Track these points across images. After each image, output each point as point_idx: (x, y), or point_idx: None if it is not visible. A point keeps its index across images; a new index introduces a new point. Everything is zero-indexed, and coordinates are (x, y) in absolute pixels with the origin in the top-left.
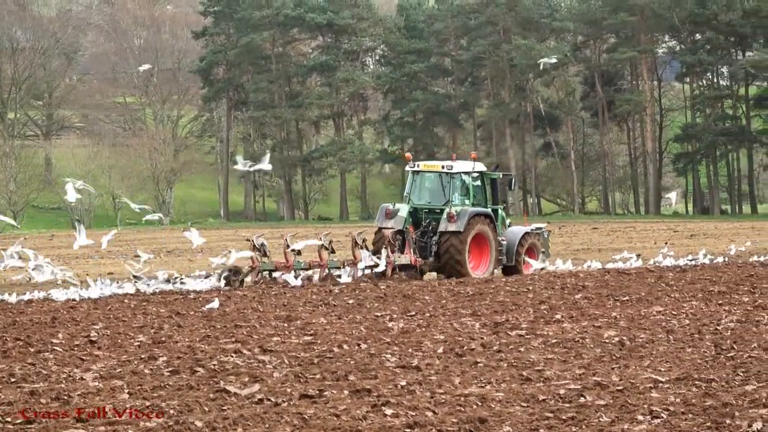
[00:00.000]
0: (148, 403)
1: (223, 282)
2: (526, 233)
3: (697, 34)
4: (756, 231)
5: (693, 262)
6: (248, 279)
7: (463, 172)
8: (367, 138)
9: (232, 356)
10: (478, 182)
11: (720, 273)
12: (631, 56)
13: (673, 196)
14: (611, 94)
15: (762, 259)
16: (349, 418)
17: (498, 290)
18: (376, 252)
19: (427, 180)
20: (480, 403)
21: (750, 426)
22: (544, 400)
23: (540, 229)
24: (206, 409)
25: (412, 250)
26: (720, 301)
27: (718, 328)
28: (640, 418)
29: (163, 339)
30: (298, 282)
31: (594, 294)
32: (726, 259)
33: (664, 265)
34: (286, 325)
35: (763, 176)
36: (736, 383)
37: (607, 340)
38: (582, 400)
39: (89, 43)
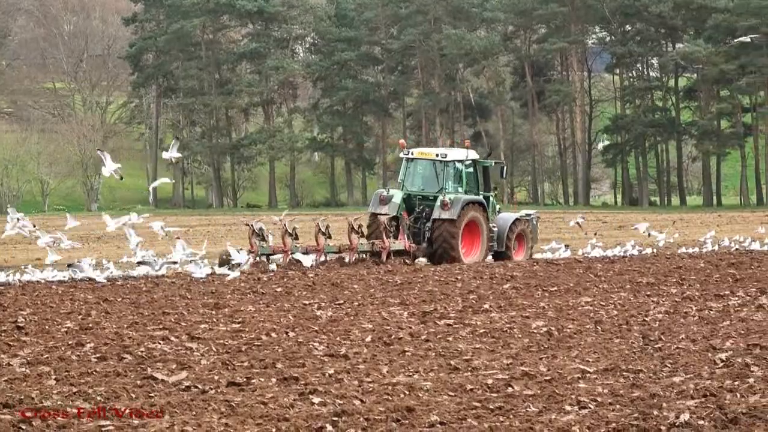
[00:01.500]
0: (75, 390)
1: (218, 267)
2: (516, 220)
3: (628, 26)
4: (685, 222)
5: (622, 253)
6: (245, 263)
7: (456, 160)
8: (297, 126)
9: (159, 343)
10: (471, 170)
11: (648, 264)
12: (561, 47)
13: (642, 226)
14: (541, 85)
15: (690, 250)
16: (276, 406)
17: (427, 280)
18: (369, 237)
19: (420, 167)
20: (408, 392)
21: (677, 417)
22: (471, 389)
23: (529, 216)
24: (133, 395)
25: (406, 236)
26: (648, 293)
27: (646, 319)
28: (568, 408)
29: (90, 325)
30: (312, 262)
31: (522, 284)
32: (654, 250)
33: (592, 256)
34: (214, 312)
35: (691, 168)
36: (664, 374)
37: (535, 331)
38: (509, 389)
39: (19, 28)
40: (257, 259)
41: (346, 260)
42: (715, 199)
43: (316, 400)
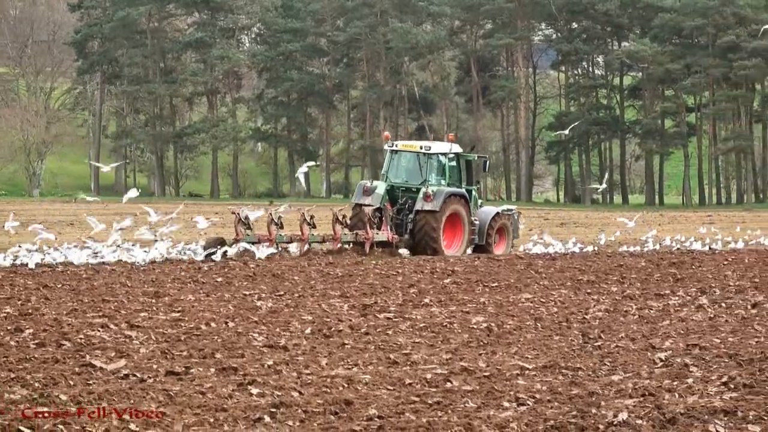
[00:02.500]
0: (13, 376)
1: (204, 254)
2: (497, 214)
3: (574, 23)
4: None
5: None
6: (232, 251)
7: (440, 153)
8: (241, 116)
9: (98, 331)
10: (454, 163)
11: (589, 262)
12: (507, 43)
13: (630, 222)
14: (486, 80)
15: (631, 249)
16: (214, 396)
17: (367, 273)
18: (353, 228)
19: (404, 159)
20: (346, 385)
21: (615, 416)
22: (410, 383)
23: (510, 210)
24: (71, 382)
25: (389, 227)
26: (588, 290)
27: (586, 317)
28: (506, 404)
29: (29, 311)
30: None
31: (463, 279)
32: (596, 248)
33: (533, 253)
34: (154, 301)
35: (634, 166)
36: (603, 373)
37: (475, 326)
38: (448, 385)
39: None
40: (243, 247)
41: (330, 249)
42: (658, 199)
43: (255, 390)
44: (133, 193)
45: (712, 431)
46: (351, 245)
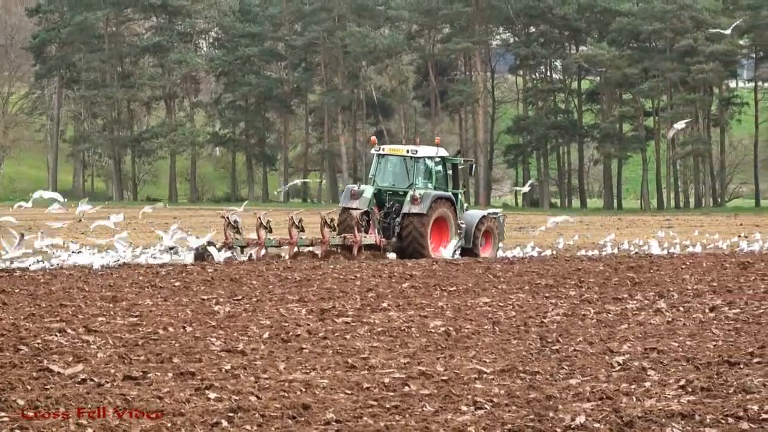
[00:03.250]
0: None
1: (194, 257)
2: (483, 217)
3: (532, 27)
4: (585, 225)
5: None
6: (221, 255)
7: (426, 157)
8: (199, 120)
9: (56, 335)
10: (440, 167)
11: (547, 266)
12: (465, 47)
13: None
14: (444, 84)
15: (590, 253)
16: (172, 400)
17: (326, 277)
18: (341, 232)
19: (391, 163)
20: (304, 390)
21: (573, 419)
22: (368, 388)
23: (496, 213)
24: (29, 387)
25: (376, 231)
26: (547, 294)
27: (544, 320)
28: (464, 408)
29: None
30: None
31: (421, 283)
32: (554, 252)
33: (491, 256)
34: (111, 305)
35: (593, 170)
36: (561, 376)
37: (433, 330)
38: (406, 389)
39: None
40: (232, 251)
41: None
42: (616, 203)
43: (212, 395)
44: (85, 206)
45: None
46: (339, 249)
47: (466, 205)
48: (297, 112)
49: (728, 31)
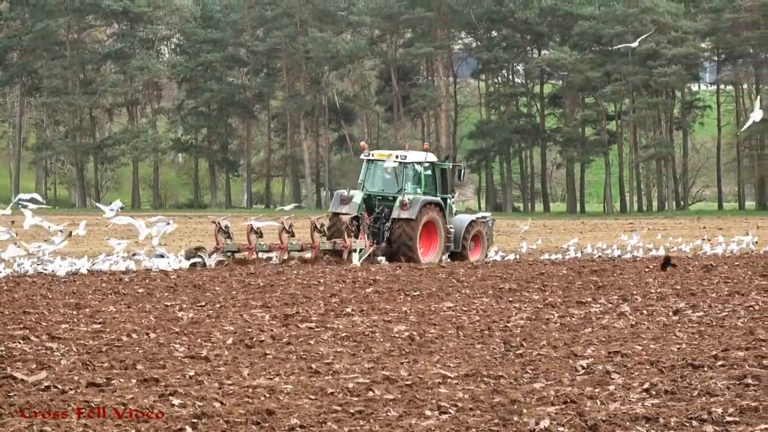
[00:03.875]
0: None
1: (188, 263)
2: (473, 221)
3: (494, 32)
4: (548, 229)
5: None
6: (211, 259)
7: (415, 162)
8: (161, 127)
9: (19, 343)
10: (429, 172)
11: (511, 270)
12: (427, 52)
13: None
14: (407, 89)
15: (553, 257)
16: (136, 407)
17: (289, 282)
18: (330, 237)
19: (380, 168)
20: (268, 395)
21: (537, 423)
22: (332, 393)
23: (485, 218)
24: None
25: (366, 236)
26: (510, 299)
27: (507, 325)
28: (428, 413)
29: None
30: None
31: (385, 288)
32: (517, 256)
33: (456, 261)
34: (75, 312)
35: (556, 174)
36: (525, 380)
37: (396, 335)
38: (370, 394)
39: None
40: (223, 255)
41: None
42: (579, 206)
43: (176, 401)
44: (31, 220)
45: None
46: (329, 254)
47: (455, 209)
48: (259, 118)
49: (635, 44)
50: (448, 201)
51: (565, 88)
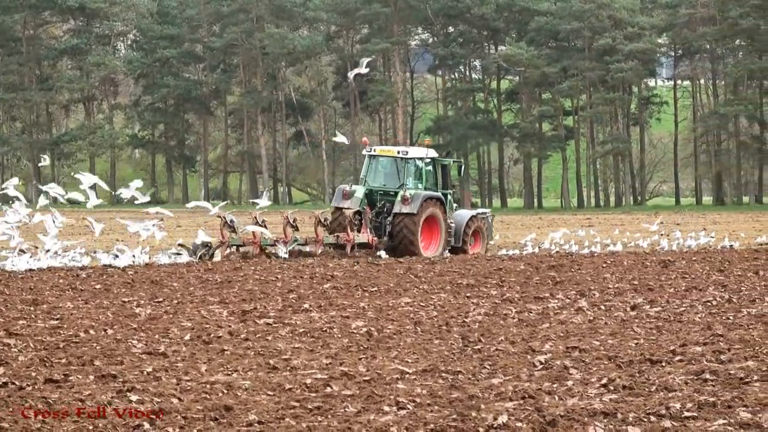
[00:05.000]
0: None
1: (197, 257)
2: (473, 217)
3: (450, 27)
4: (505, 224)
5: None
6: (219, 254)
7: (417, 158)
8: (118, 123)
9: None
10: (430, 167)
11: (469, 266)
12: (383, 47)
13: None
14: (363, 85)
15: (511, 252)
16: (93, 403)
17: (247, 278)
18: (333, 231)
19: (382, 164)
20: (226, 391)
21: (495, 419)
22: (290, 389)
23: (485, 213)
24: None
25: (368, 230)
26: (468, 294)
27: (465, 320)
28: (386, 408)
29: None
30: (285, 255)
31: (343, 284)
32: (475, 251)
33: (414, 257)
34: (32, 308)
35: (513, 170)
36: (483, 376)
37: (354, 331)
38: (328, 389)
39: None
40: (228, 249)
41: (312, 251)
42: (536, 202)
43: (134, 397)
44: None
45: None
46: (332, 247)
47: (455, 205)
48: (216, 114)
49: (364, 70)
50: (449, 196)
51: (521, 84)
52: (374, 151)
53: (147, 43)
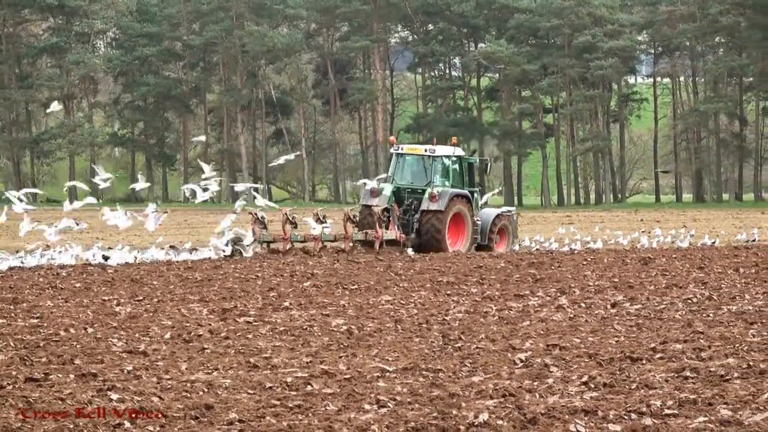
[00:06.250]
0: None
1: (229, 251)
2: (498, 215)
3: (430, 25)
4: None
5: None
6: (250, 250)
7: (444, 156)
8: (98, 121)
9: None
10: (457, 166)
11: (449, 264)
12: (363, 45)
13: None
14: (343, 83)
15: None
16: (74, 402)
17: (227, 277)
18: (361, 228)
19: (409, 162)
20: (206, 390)
21: (476, 417)
22: (271, 387)
23: (510, 211)
24: None
25: (396, 227)
26: (448, 292)
27: (446, 318)
28: (367, 407)
29: None
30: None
31: (323, 282)
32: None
33: (395, 255)
34: (12, 307)
35: (493, 167)
36: (463, 374)
37: (335, 329)
38: (309, 388)
39: None
40: (260, 246)
41: (343, 247)
42: (516, 199)
43: (115, 396)
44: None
45: (573, 431)
46: (360, 244)
47: (481, 202)
48: (196, 112)
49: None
50: (475, 194)
51: (501, 82)
52: (402, 149)
53: (127, 41)
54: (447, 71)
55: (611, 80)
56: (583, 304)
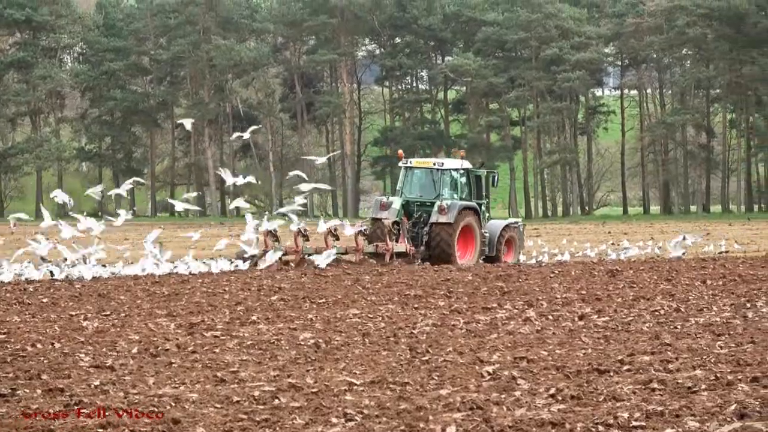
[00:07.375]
0: None
1: (242, 261)
2: (506, 226)
3: (397, 38)
4: None
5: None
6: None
7: (452, 169)
8: (65, 136)
9: None
10: (465, 178)
11: (416, 277)
12: (330, 59)
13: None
14: (311, 96)
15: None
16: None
17: (194, 291)
18: (372, 240)
19: (418, 176)
20: (174, 404)
21: (444, 430)
22: (238, 401)
23: (517, 223)
24: None
25: (406, 239)
26: (416, 305)
27: (413, 331)
28: (334, 420)
29: None
30: (324, 264)
31: (290, 296)
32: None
33: (361, 269)
34: None
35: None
36: (431, 387)
37: (302, 342)
38: (276, 401)
39: None
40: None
41: (353, 260)
42: None
43: (82, 411)
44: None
45: None
46: (370, 257)
47: (488, 214)
48: (163, 126)
49: (246, 134)
50: (483, 206)
51: (469, 94)
52: (410, 163)
53: (93, 56)
54: (414, 84)
55: (578, 93)
56: (550, 317)
